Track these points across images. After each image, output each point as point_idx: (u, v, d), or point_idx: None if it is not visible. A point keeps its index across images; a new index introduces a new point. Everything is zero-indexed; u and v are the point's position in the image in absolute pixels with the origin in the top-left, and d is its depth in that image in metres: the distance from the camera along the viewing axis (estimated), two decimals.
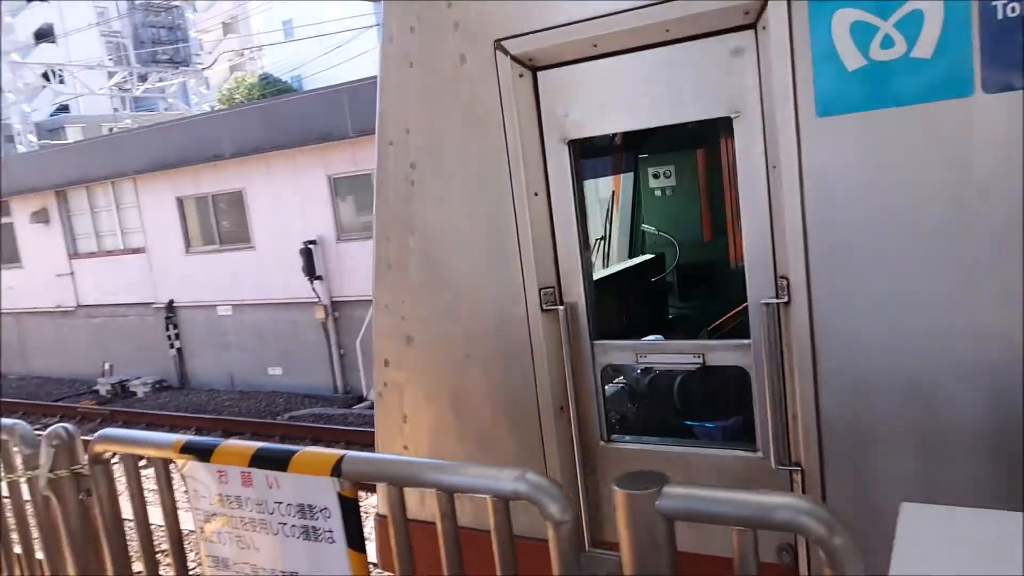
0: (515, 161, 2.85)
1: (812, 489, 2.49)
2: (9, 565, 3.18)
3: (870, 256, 2.30)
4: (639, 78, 2.68)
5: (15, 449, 2.90)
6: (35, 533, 3.07)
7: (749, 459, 2.69)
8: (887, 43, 2.24)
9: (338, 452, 2.07)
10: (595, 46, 2.67)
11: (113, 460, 2.65)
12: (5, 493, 3.07)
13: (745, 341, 2.64)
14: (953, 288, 2.21)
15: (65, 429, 2.67)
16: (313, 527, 2.13)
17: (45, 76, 30.91)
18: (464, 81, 2.92)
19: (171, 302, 16.93)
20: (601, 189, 5.61)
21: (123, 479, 2.62)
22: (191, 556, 2.65)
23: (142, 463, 2.60)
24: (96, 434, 2.63)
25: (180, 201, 16.38)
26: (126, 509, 2.69)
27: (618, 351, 2.94)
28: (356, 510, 2.07)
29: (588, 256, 2.99)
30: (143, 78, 30.99)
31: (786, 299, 2.45)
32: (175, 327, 16.96)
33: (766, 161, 2.48)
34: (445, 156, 3.03)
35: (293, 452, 2.14)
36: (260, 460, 2.20)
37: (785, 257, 2.44)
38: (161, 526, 2.62)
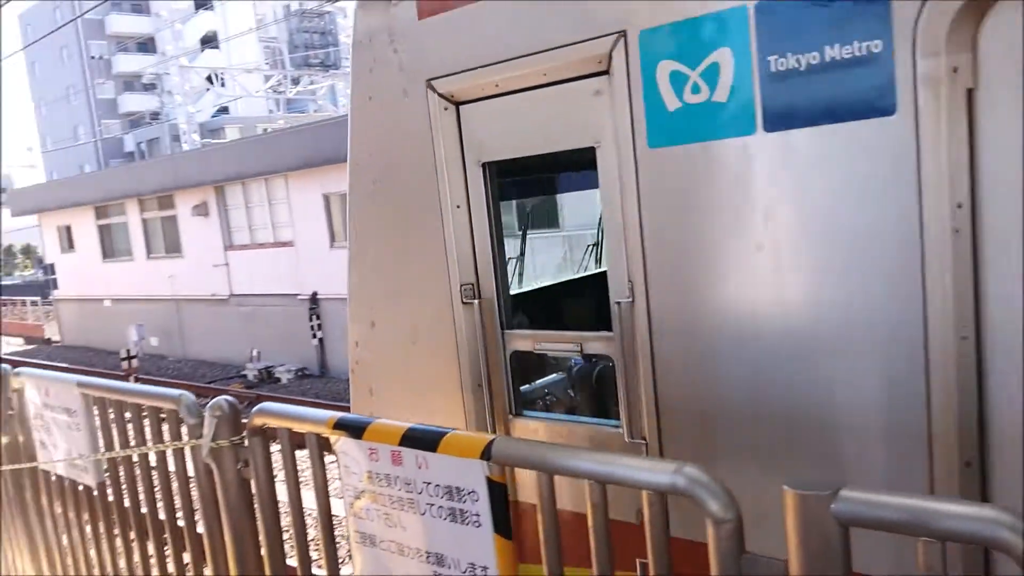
0: (442, 179, 3.55)
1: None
2: (172, 532, 3.36)
3: (690, 264, 2.91)
4: (529, 113, 3.32)
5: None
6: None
7: (613, 432, 3.23)
8: (696, 89, 2.81)
9: (488, 436, 2.05)
10: (497, 86, 3.32)
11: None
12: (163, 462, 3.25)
13: (609, 333, 3.11)
14: (747, 292, 2.80)
15: (227, 401, 2.80)
16: (460, 510, 2.13)
17: (209, 79, 33.02)
18: (407, 112, 3.65)
19: (315, 294, 17.71)
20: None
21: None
22: (339, 531, 2.71)
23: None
24: (256, 407, 2.74)
25: (327, 198, 17.10)
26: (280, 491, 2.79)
27: (521, 339, 3.59)
28: (504, 495, 2.05)
29: (503, 257, 3.68)
30: (296, 81, 32.63)
31: (632, 299, 3.00)
32: (318, 318, 17.73)
33: (619, 183, 3.01)
34: (395, 174, 3.79)
35: (443, 433, 2.15)
36: (410, 440, 2.22)
37: (631, 263, 3.01)
38: (308, 511, 2.71)
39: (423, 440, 2.20)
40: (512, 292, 4.00)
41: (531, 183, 5.13)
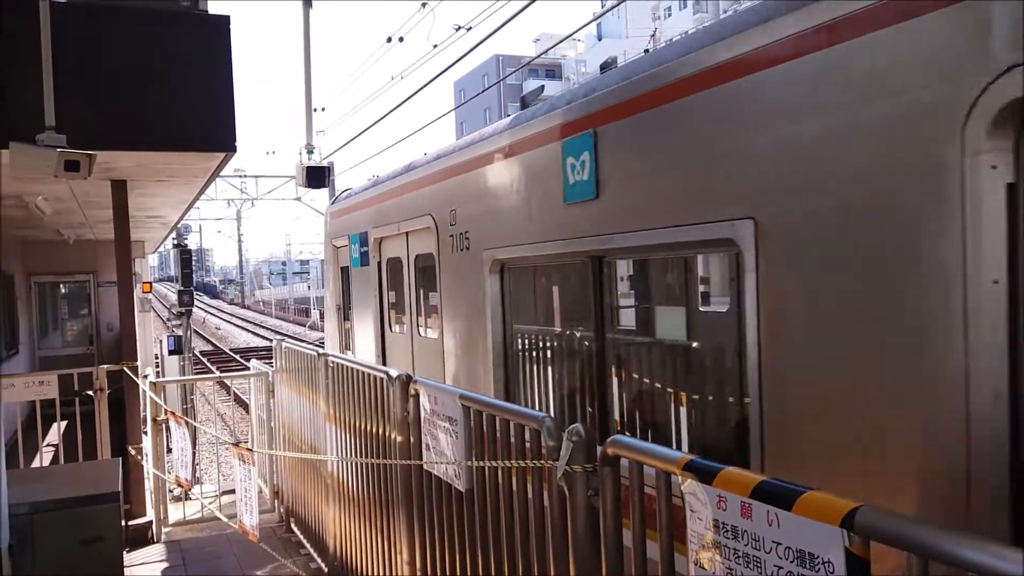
0: (333, 274, 10.96)
1: None
2: (523, 550, 3.51)
3: (356, 302, 10.06)
4: (349, 250, 10.07)
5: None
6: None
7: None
8: (354, 253, 9.76)
9: (853, 502, 1.83)
10: (343, 242, 10.26)
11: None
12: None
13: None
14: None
15: (583, 427, 2.88)
16: None
17: None
18: (330, 250, 11.02)
19: None
20: None
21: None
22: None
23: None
24: (610, 438, 2.77)
25: None
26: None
27: (347, 326, 10.51)
28: (866, 572, 1.81)
29: (348, 298, 10.27)
30: None
31: (347, 311, 10.76)
32: None
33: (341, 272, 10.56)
34: (329, 268, 11.27)
35: (801, 492, 1.97)
36: (763, 493, 2.07)
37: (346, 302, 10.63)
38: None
39: (777, 495, 2.04)
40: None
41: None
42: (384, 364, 8.40)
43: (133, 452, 8.44)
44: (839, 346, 3.03)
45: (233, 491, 9.13)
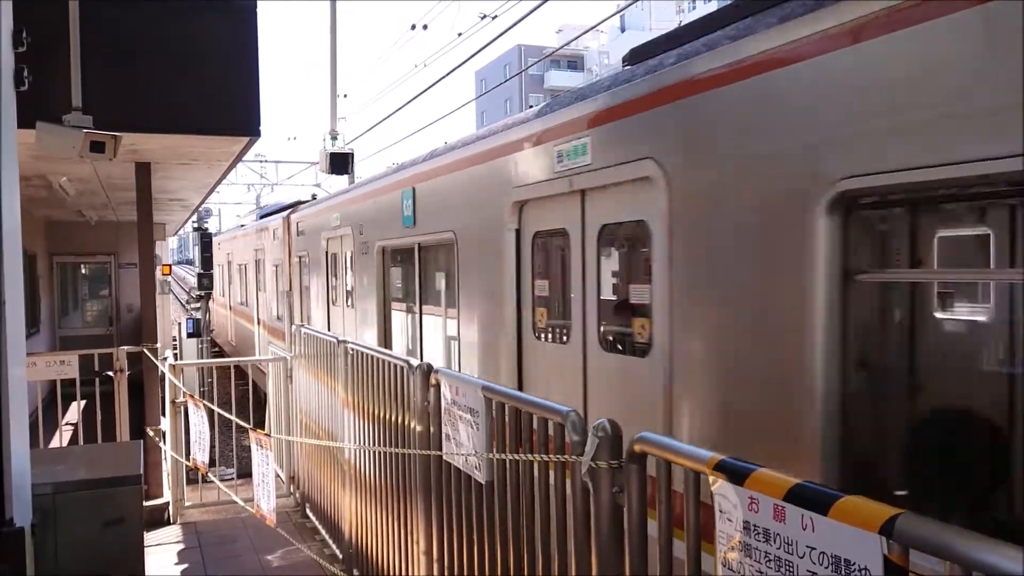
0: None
1: None
2: (543, 546, 3.49)
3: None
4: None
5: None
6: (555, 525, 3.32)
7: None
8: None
9: (894, 509, 1.79)
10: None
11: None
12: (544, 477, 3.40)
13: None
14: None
15: (611, 423, 2.84)
16: None
17: None
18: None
19: None
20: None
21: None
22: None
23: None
24: (637, 435, 2.73)
25: None
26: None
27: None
28: None
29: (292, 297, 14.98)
30: None
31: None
32: None
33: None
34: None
35: (837, 496, 1.92)
36: (798, 497, 2.03)
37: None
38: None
39: (813, 499, 1.99)
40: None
41: None
42: (329, 328, 12.15)
43: (151, 434, 8.49)
44: (484, 296, 6.49)
45: (250, 474, 9.17)
